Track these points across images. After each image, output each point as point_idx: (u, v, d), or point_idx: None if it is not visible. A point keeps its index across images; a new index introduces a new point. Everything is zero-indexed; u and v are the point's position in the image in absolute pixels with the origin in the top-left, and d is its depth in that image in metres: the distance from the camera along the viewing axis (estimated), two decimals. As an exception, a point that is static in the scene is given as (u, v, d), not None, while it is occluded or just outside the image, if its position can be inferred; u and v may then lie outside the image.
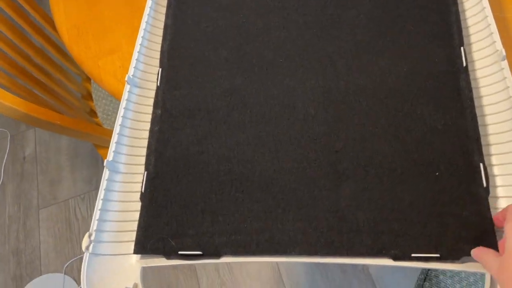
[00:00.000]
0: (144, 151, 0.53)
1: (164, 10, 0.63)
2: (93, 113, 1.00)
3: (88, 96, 1.04)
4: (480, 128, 0.48)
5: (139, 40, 0.60)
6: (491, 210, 0.44)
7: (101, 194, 0.49)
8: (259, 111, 0.54)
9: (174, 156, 0.52)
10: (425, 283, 0.67)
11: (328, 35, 0.58)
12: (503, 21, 0.56)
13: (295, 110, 0.54)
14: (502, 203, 0.45)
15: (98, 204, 0.48)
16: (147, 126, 0.55)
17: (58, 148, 1.50)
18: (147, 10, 0.62)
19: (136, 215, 0.50)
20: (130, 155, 0.54)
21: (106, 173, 0.50)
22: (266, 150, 0.52)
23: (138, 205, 0.50)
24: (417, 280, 0.68)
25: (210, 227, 0.48)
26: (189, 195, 0.50)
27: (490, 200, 0.45)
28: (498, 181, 0.46)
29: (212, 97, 0.56)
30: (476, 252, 0.40)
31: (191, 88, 0.57)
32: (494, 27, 0.51)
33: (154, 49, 0.61)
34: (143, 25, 0.61)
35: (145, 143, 0.54)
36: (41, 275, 1.27)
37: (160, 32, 0.62)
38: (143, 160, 0.53)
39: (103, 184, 0.50)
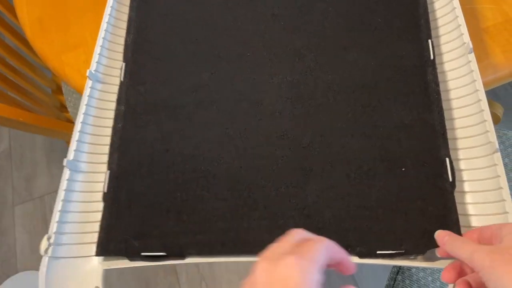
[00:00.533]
0: (107, 149, 0.52)
1: (128, 2, 0.61)
2: (64, 108, 0.98)
3: (59, 91, 1.01)
4: (447, 122, 0.48)
5: (101, 33, 0.57)
6: (458, 204, 0.44)
7: (60, 195, 0.47)
8: (226, 107, 0.53)
9: (138, 154, 0.51)
10: (398, 276, 0.67)
11: (296, 29, 0.56)
12: (472, 12, 0.55)
13: (262, 106, 0.52)
14: (468, 198, 0.45)
15: (58, 205, 0.47)
16: (111, 123, 0.53)
17: (33, 143, 1.47)
18: (109, 2, 0.60)
19: (99, 216, 0.48)
20: (92, 153, 0.52)
21: (66, 173, 0.49)
22: (233, 148, 0.50)
23: (100, 206, 0.49)
24: (390, 273, 0.68)
25: (174, 227, 0.47)
26: (153, 194, 0.49)
27: (456, 195, 0.44)
28: (465, 175, 0.46)
29: (178, 93, 0.54)
30: (444, 237, 0.38)
31: (156, 83, 0.55)
32: (462, 19, 0.50)
33: (118, 42, 0.59)
34: (105, 18, 0.59)
35: (108, 140, 0.52)
36: (17, 272, 1.25)
37: (124, 25, 0.60)
38: (106, 158, 0.51)
39: (63, 184, 0.48)
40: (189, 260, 0.46)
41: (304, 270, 0.29)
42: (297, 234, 0.34)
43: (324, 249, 0.31)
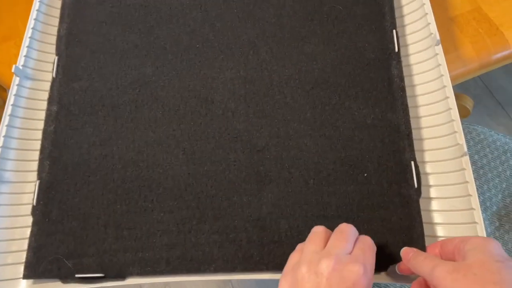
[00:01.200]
0: (36, 156, 0.46)
1: (62, -14, 0.54)
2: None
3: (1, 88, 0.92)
4: (413, 121, 0.44)
5: (30, 23, 0.51)
6: (423, 212, 0.40)
7: (-19, 211, 0.42)
8: (172, 105, 0.48)
9: (72, 161, 0.45)
10: None
11: (250, 17, 0.51)
12: (439, 0, 0.51)
13: (213, 104, 0.47)
14: (434, 205, 0.41)
15: None
16: (41, 125, 0.47)
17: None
18: (40, -13, 0.53)
19: (27, 232, 0.43)
20: (20, 160, 0.46)
21: (-13, 185, 0.43)
22: (180, 151, 0.45)
23: (29, 220, 0.43)
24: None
25: (113, 243, 0.42)
26: (90, 206, 0.43)
27: (422, 201, 0.41)
28: (431, 180, 0.42)
29: (118, 90, 0.48)
30: (410, 254, 0.35)
31: (93, 79, 0.49)
32: (428, 7, 0.46)
33: (51, 33, 0.52)
34: (35, 4, 0.52)
35: (38, 146, 0.47)
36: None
37: (58, 13, 0.53)
38: (35, 166, 0.45)
39: (-16, 198, 0.42)
40: (130, 281, 0.41)
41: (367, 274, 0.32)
42: (322, 232, 0.36)
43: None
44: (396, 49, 0.46)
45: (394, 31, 0.47)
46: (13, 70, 0.48)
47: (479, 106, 1.33)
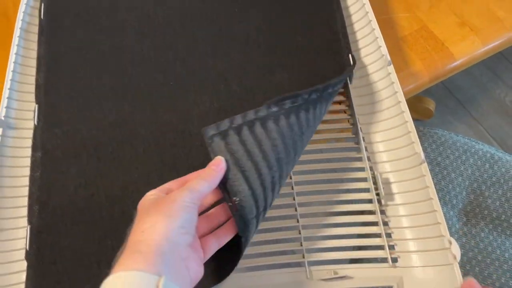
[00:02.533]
0: (25, 202, 0.48)
1: (35, 37, 0.57)
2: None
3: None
4: (374, 136, 0.48)
5: (9, 74, 0.53)
6: (392, 218, 0.44)
7: (-25, 260, 0.43)
8: (151, 142, 0.50)
9: (61, 204, 0.47)
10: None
11: (219, 52, 0.55)
12: (389, 22, 0.56)
13: (191, 136, 0.50)
14: (401, 211, 0.45)
15: None
16: (27, 171, 0.49)
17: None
18: (15, 40, 0.55)
19: (23, 277, 0.44)
20: (10, 208, 0.48)
21: (-20, 235, 0.44)
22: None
23: (23, 265, 0.45)
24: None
25: (108, 278, 0.44)
26: (82, 245, 0.45)
27: (390, 208, 0.45)
28: (395, 188, 0.47)
29: (98, 131, 0.51)
30: None
31: (74, 123, 0.51)
32: (378, 32, 0.51)
33: (29, 82, 0.55)
34: (12, 57, 0.54)
35: (26, 192, 0.48)
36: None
37: (34, 63, 0.55)
38: (25, 212, 0.47)
39: (-22, 247, 0.44)
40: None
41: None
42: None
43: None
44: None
45: (350, 55, 0.51)
46: (-5, 122, 0.49)
47: (441, 106, 1.39)
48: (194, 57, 0.55)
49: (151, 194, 0.38)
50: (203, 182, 0.36)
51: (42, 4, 0.58)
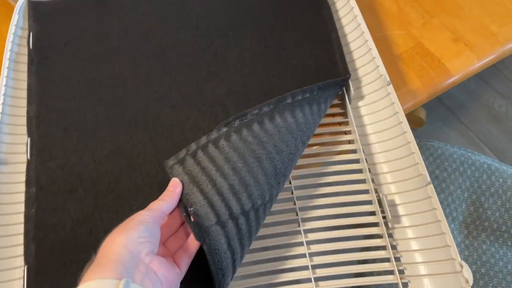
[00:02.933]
0: (21, 240, 0.46)
1: (25, 68, 0.55)
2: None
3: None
4: (375, 156, 0.48)
5: None
6: (401, 241, 0.43)
7: (-30, 306, 0.41)
8: (150, 171, 0.49)
9: (58, 242, 0.46)
10: None
11: (215, 77, 0.54)
12: (384, 40, 0.56)
13: (190, 164, 0.49)
14: (409, 233, 0.44)
15: None
16: (22, 208, 0.48)
17: None
18: (3, 72, 0.54)
19: (21, 321, 0.42)
20: (5, 247, 0.46)
21: (-26, 278, 0.42)
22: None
23: (22, 308, 0.43)
24: None
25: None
26: (82, 284, 0.43)
27: (398, 231, 0.44)
28: (401, 210, 0.46)
29: (94, 163, 0.49)
30: None
31: (68, 156, 0.50)
32: (375, 52, 0.51)
33: (20, 114, 0.53)
34: (1, 89, 0.53)
35: (21, 229, 0.47)
36: None
37: (24, 94, 0.54)
38: (21, 251, 0.45)
39: (-28, 292, 0.42)
40: None
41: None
42: None
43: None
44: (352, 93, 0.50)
45: (347, 75, 0.51)
46: (-13, 159, 0.48)
47: (431, 113, 1.40)
48: (190, 83, 0.54)
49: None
50: (161, 202, 0.40)
51: (31, 34, 0.57)
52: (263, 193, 0.42)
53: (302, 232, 0.46)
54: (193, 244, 0.40)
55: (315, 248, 0.45)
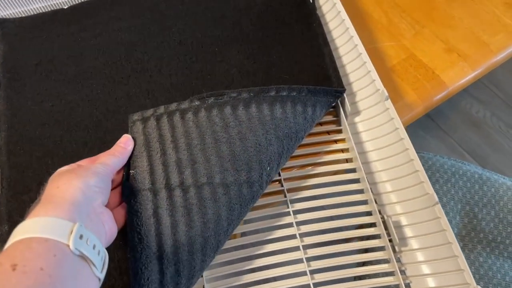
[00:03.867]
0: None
1: (-8, 92, 0.51)
2: None
3: None
4: (376, 175, 0.45)
5: None
6: (410, 265, 0.41)
7: None
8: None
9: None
10: None
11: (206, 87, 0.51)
12: (375, 52, 0.54)
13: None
14: (419, 257, 0.42)
15: None
16: (-7, 248, 0.43)
17: None
18: (-31, 97, 0.49)
19: None
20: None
21: None
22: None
23: None
24: None
25: None
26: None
27: (407, 254, 0.42)
28: (409, 231, 0.43)
29: (74, 194, 0.45)
30: None
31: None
32: (370, 65, 0.49)
33: (-13, 144, 0.48)
34: (-35, 116, 0.48)
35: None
36: None
37: (-8, 121, 0.49)
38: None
39: None
40: None
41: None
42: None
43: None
44: (349, 109, 0.48)
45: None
46: (-50, 195, 0.43)
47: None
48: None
49: (62, 168, 0.38)
50: (112, 157, 0.41)
51: (-3, 54, 0.53)
52: (210, 173, 0.41)
53: (305, 260, 0.43)
54: None
55: (319, 277, 0.42)
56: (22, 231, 0.29)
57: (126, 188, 0.41)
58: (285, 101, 0.46)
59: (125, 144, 0.43)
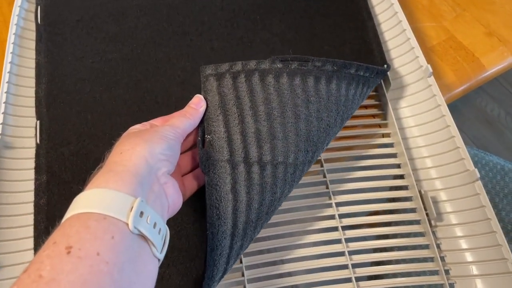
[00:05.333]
0: (31, 232, 0.42)
1: (32, 44, 0.51)
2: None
3: None
4: (416, 151, 0.46)
5: (3, 87, 0.48)
6: (447, 240, 0.42)
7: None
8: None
9: (73, 235, 0.41)
10: None
11: (241, 62, 0.51)
12: (415, 31, 0.54)
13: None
14: (458, 232, 0.42)
15: None
16: (31, 197, 0.43)
17: None
18: (9, 47, 0.50)
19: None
20: (12, 240, 0.42)
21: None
22: (193, 210, 0.43)
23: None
24: None
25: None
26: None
27: (445, 229, 0.42)
28: (448, 207, 0.44)
29: (112, 150, 0.45)
30: None
31: (83, 142, 0.46)
32: (414, 42, 0.49)
33: (27, 95, 0.49)
34: (6, 67, 0.49)
35: (30, 220, 0.42)
36: None
37: (32, 73, 0.50)
38: (31, 244, 0.41)
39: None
40: None
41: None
42: None
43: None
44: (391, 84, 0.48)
45: (385, 65, 0.48)
46: (-9, 141, 0.43)
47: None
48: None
49: (133, 127, 0.37)
50: (184, 119, 0.38)
51: (39, 8, 0.53)
52: (287, 152, 0.38)
53: (340, 228, 0.43)
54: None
55: (353, 246, 0.43)
56: (81, 205, 0.28)
57: (204, 156, 0.38)
58: (356, 80, 0.44)
59: (197, 105, 0.40)
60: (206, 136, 0.39)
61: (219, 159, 0.38)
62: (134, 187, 0.29)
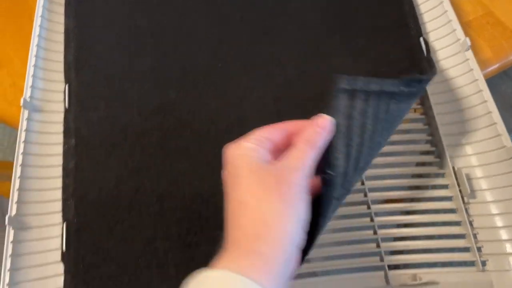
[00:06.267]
0: (59, 195, 0.42)
1: (61, 9, 0.51)
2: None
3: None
4: (453, 126, 0.45)
5: (32, 50, 0.48)
6: (481, 217, 0.41)
7: (7, 263, 0.37)
8: (201, 130, 0.45)
9: (100, 199, 0.42)
10: None
11: (271, 32, 0.50)
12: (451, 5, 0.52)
13: (245, 125, 0.45)
14: (493, 209, 0.42)
15: (5, 276, 0.37)
16: (59, 160, 0.44)
17: None
18: (38, 10, 0.50)
19: (59, 282, 0.39)
20: (41, 202, 0.42)
21: (10, 233, 0.38)
22: (220, 179, 0.43)
23: (59, 268, 0.40)
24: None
25: (160, 285, 0.38)
26: (127, 247, 0.41)
27: (480, 206, 0.41)
28: (483, 184, 0.43)
29: (141, 117, 0.46)
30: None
31: (111, 107, 0.46)
32: (452, 14, 0.48)
33: (56, 59, 0.49)
34: (36, 30, 0.49)
35: (59, 183, 0.43)
36: None
37: (61, 37, 0.50)
38: (59, 206, 0.41)
39: (8, 248, 0.38)
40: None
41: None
42: None
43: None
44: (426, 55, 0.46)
45: (421, 38, 0.47)
46: (21, 104, 0.44)
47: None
48: (243, 38, 0.50)
49: (250, 149, 0.29)
50: (312, 152, 0.28)
51: (68, -29, 0.52)
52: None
53: (370, 202, 0.43)
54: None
55: (383, 221, 0.42)
56: None
57: (326, 201, 0.29)
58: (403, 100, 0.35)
59: (323, 129, 0.29)
60: (327, 171, 0.29)
61: (333, 198, 0.30)
62: (277, 282, 0.24)
